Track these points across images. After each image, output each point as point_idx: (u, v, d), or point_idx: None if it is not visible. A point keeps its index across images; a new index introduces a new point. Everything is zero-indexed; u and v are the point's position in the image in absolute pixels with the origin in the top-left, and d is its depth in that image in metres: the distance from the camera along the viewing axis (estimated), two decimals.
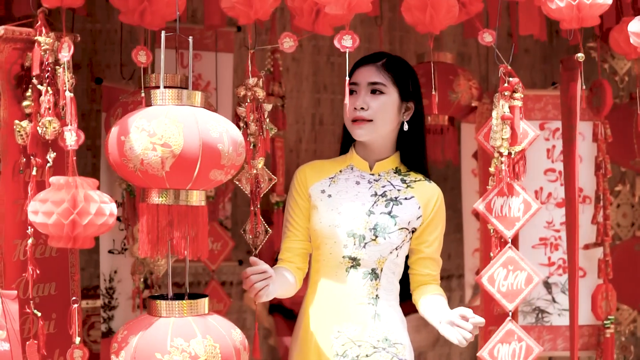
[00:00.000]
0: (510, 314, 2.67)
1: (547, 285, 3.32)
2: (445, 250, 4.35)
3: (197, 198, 2.21)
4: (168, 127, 2.06)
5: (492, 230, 2.72)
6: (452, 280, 4.43)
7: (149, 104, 2.21)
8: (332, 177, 2.66)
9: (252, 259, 2.41)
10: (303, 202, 2.65)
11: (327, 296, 2.59)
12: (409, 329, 4.02)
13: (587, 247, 3.27)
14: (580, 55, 2.63)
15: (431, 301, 2.59)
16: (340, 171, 2.67)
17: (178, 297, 2.30)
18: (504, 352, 2.65)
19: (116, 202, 2.98)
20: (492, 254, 2.72)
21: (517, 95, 2.69)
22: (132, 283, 3.09)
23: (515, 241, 3.32)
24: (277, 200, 3.59)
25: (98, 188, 2.13)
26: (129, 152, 2.07)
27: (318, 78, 4.19)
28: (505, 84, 2.69)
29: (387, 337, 2.55)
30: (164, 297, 2.29)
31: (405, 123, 2.63)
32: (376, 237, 2.53)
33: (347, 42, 2.37)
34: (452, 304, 4.41)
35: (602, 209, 3.22)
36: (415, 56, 3.60)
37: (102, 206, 2.08)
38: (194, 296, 2.29)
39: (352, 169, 2.67)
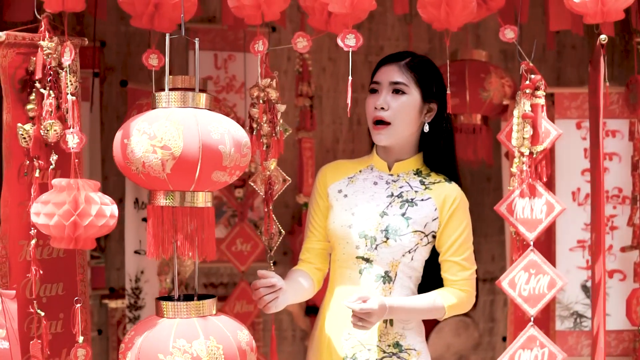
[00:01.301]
0: (532, 319, 2.59)
1: (586, 289, 3.20)
2: (489, 252, 4.29)
3: (202, 199, 2.21)
4: (168, 129, 2.07)
5: (513, 233, 2.64)
6: None
7: (154, 106, 2.22)
8: (351, 177, 2.63)
9: (260, 272, 2.42)
10: (323, 202, 2.63)
11: (341, 297, 2.55)
12: (447, 333, 4.02)
13: (623, 249, 3.14)
14: (603, 37, 2.53)
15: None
16: (360, 171, 2.65)
17: (188, 298, 2.30)
18: (526, 358, 2.57)
19: (143, 202, 3.05)
20: (513, 257, 2.65)
21: (539, 93, 2.61)
22: (158, 283, 3.12)
23: (551, 244, 3.24)
24: (305, 202, 3.58)
25: (99, 190, 2.17)
26: (131, 155, 2.09)
27: (355, 77, 4.13)
28: (527, 82, 2.61)
29: (398, 342, 2.51)
30: (172, 298, 2.30)
31: (426, 124, 2.58)
32: (387, 238, 2.49)
33: (350, 41, 2.34)
34: (496, 307, 4.37)
35: (638, 210, 3.08)
36: (445, 53, 3.53)
37: (103, 208, 2.12)
38: (204, 297, 2.29)
39: (371, 169, 2.64)
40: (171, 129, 2.07)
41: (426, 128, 2.58)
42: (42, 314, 2.19)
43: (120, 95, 3.68)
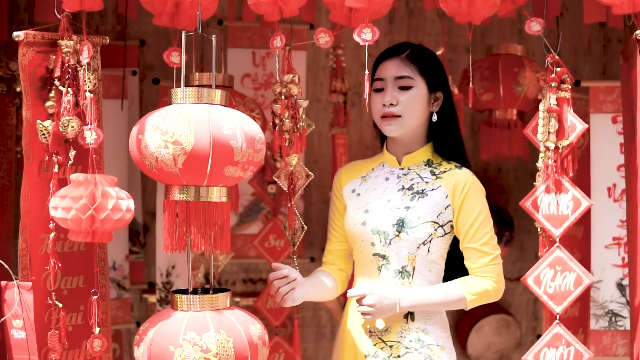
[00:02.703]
0: (557, 317, 2.54)
1: (621, 287, 3.11)
2: (532, 250, 4.22)
3: (217, 194, 2.23)
4: (180, 125, 2.10)
5: (539, 229, 2.59)
6: None
7: (170, 102, 2.26)
8: (364, 176, 2.64)
9: (275, 264, 2.47)
10: (340, 204, 2.65)
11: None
12: (488, 331, 3.97)
13: None
14: (639, 32, 2.46)
15: None
16: (373, 169, 2.65)
17: (206, 292, 2.33)
18: (551, 356, 2.52)
19: None
20: (539, 254, 2.60)
21: (565, 86, 2.56)
22: (191, 278, 3.16)
23: (587, 241, 3.16)
24: None
25: (116, 185, 2.22)
26: (145, 150, 2.13)
27: None
28: (553, 75, 2.56)
29: (420, 337, 2.48)
30: (193, 291, 2.33)
31: (434, 114, 2.57)
32: (399, 232, 2.47)
33: (366, 35, 2.33)
34: (539, 305, 4.28)
35: None
36: (485, 48, 3.48)
37: (119, 202, 2.17)
38: (220, 291, 2.32)
39: (383, 165, 2.64)
40: (183, 124, 2.10)
41: (434, 118, 2.57)
42: (60, 305, 2.25)
43: (159, 93, 3.75)
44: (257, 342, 2.22)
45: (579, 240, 3.25)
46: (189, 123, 2.10)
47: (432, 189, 2.52)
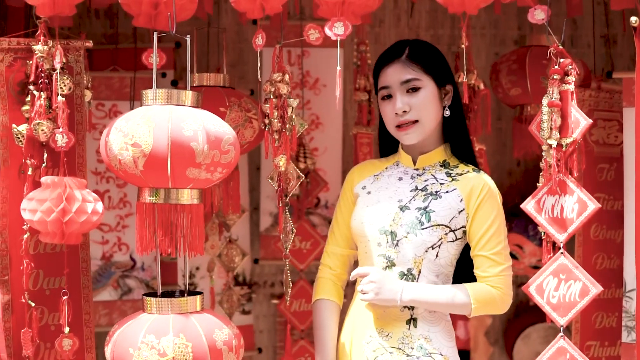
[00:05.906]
0: (561, 329, 2.36)
1: None
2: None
3: (188, 197, 2.22)
4: (140, 127, 2.10)
5: (542, 234, 2.41)
6: None
7: (141, 104, 2.25)
8: (376, 175, 2.56)
9: None
10: (347, 204, 2.57)
11: (361, 301, 2.44)
12: (536, 340, 3.75)
13: None
14: (634, 19, 2.26)
15: None
16: (386, 168, 2.56)
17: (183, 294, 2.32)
18: None
19: None
20: (542, 260, 2.42)
21: (569, 78, 2.37)
22: (209, 280, 3.16)
23: (620, 246, 2.91)
24: None
25: (86, 187, 2.24)
26: (109, 152, 2.14)
27: None
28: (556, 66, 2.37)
29: (422, 345, 2.37)
30: (167, 293, 2.32)
31: (446, 109, 2.47)
32: (407, 233, 2.37)
33: (338, 30, 2.23)
34: None
35: None
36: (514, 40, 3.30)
37: (86, 205, 2.19)
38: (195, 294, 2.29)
39: (397, 165, 2.55)
40: (143, 126, 2.09)
41: (447, 113, 2.46)
42: (33, 304, 2.29)
43: None
44: (221, 348, 2.18)
45: (617, 245, 3.00)
46: (149, 125, 2.09)
47: (447, 191, 2.42)
